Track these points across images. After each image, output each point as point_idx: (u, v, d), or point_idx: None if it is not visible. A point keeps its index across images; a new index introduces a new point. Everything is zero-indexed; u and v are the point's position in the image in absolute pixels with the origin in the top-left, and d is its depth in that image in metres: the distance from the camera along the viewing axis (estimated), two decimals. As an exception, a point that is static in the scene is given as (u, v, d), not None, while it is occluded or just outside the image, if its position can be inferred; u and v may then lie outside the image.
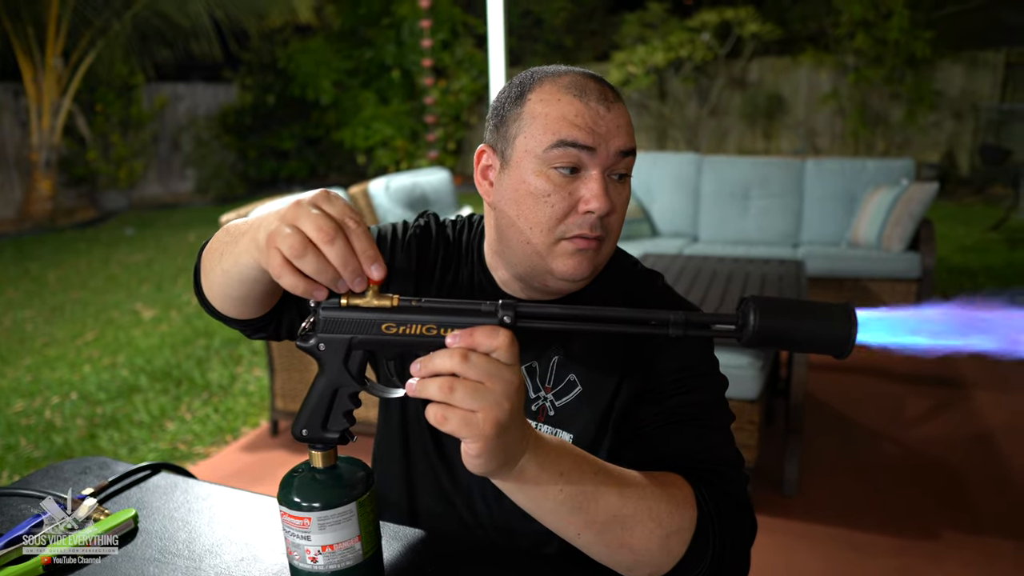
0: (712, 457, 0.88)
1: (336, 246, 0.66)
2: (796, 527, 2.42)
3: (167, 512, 1.04)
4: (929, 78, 9.93)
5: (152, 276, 6.21)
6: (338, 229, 0.66)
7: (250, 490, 1.10)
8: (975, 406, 3.31)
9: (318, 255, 0.66)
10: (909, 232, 4.09)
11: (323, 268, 0.67)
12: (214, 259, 0.87)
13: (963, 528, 2.41)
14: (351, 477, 0.80)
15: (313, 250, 0.66)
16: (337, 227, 0.67)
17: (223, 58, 9.89)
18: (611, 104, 0.88)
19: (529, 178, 0.87)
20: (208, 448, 3.13)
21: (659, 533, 0.77)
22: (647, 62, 10.19)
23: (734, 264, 3.44)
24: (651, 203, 4.90)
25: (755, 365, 2.40)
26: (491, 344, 0.66)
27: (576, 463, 0.75)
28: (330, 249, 0.66)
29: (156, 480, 1.14)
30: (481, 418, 0.65)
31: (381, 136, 9.95)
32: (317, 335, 0.71)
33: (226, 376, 3.88)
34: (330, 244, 0.66)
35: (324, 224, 0.66)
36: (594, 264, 0.90)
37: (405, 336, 0.69)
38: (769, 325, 0.64)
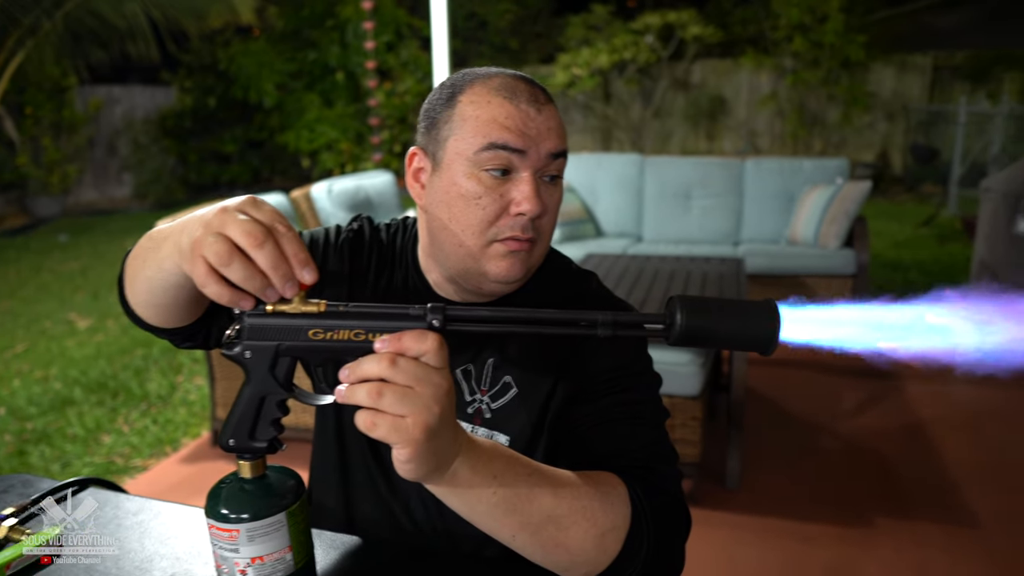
0: (646, 455, 0.89)
1: (266, 250, 0.65)
2: (739, 520, 2.47)
3: (96, 528, 1.01)
4: (863, 80, 10.26)
5: (87, 284, 6.01)
6: (267, 234, 0.66)
7: (189, 503, 1.08)
8: (906, 397, 3.43)
9: (246, 262, 0.65)
10: (844, 229, 4.21)
11: (250, 276, 0.65)
12: (137, 266, 0.84)
13: (895, 515, 2.50)
14: (281, 486, 0.79)
15: (240, 257, 0.65)
16: (266, 232, 0.66)
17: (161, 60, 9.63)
18: (542, 106, 0.88)
19: (460, 180, 0.87)
20: (147, 461, 3.04)
21: (594, 532, 0.77)
22: (592, 64, 10.29)
23: (676, 263, 3.50)
24: (595, 203, 4.94)
25: (696, 362, 2.44)
26: (420, 348, 0.65)
27: (509, 465, 0.75)
28: (259, 254, 0.65)
29: (83, 496, 1.10)
30: (410, 423, 0.64)
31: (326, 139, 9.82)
32: (242, 343, 0.70)
33: (165, 386, 3.78)
34: (259, 249, 0.65)
35: (253, 229, 0.65)
36: (527, 266, 0.91)
37: (333, 342, 0.69)
38: (695, 324, 0.64)
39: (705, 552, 2.30)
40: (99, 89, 10.35)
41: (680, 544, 0.86)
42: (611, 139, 11.36)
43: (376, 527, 1.05)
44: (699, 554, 2.36)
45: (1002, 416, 3.25)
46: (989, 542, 2.36)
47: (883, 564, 2.25)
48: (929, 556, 2.28)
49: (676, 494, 0.88)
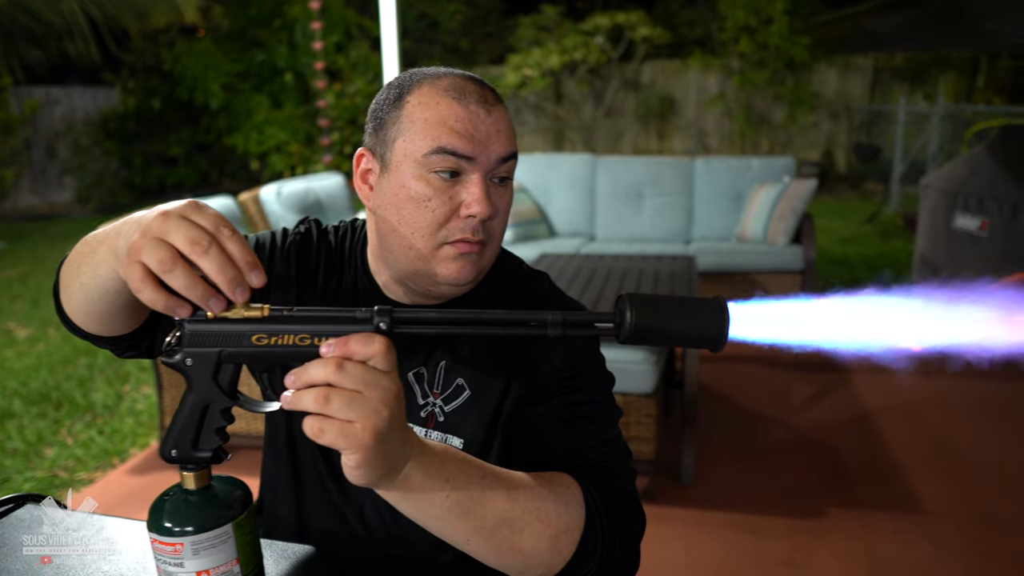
0: (600, 454, 0.88)
1: (211, 256, 0.63)
2: (694, 515, 2.50)
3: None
4: (807, 81, 10.52)
5: (27, 292, 5.80)
6: (212, 239, 0.64)
7: (139, 516, 1.04)
8: (853, 389, 3.52)
9: (188, 270, 0.63)
10: (792, 226, 4.30)
11: (192, 284, 0.64)
12: (72, 273, 0.81)
13: (845, 504, 2.56)
14: (227, 497, 0.77)
15: (183, 264, 0.63)
16: (211, 238, 0.64)
17: (102, 60, 9.36)
18: (491, 107, 0.87)
19: (409, 182, 0.86)
20: (92, 473, 2.95)
21: (548, 534, 0.77)
22: (542, 65, 10.33)
23: (629, 262, 3.53)
24: (548, 204, 4.96)
25: (650, 359, 2.47)
26: (367, 352, 0.64)
27: (462, 468, 0.75)
28: (205, 260, 0.63)
29: (20, 514, 1.06)
30: (359, 428, 0.63)
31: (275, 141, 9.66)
32: (183, 350, 0.68)
33: (112, 396, 3.67)
34: (204, 255, 0.63)
35: (197, 235, 0.63)
36: (478, 268, 0.90)
37: (277, 347, 0.67)
38: (644, 322, 0.64)
39: (662, 548, 2.32)
40: (36, 90, 10.02)
41: (635, 543, 0.86)
42: (563, 139, 11.43)
43: (329, 535, 1.03)
44: (656, 550, 2.40)
45: (943, 404, 3.36)
46: (934, 527, 2.43)
47: (834, 552, 2.30)
48: (878, 542, 2.34)
49: (630, 493, 0.88)
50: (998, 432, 3.13)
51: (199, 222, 0.65)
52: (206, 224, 0.65)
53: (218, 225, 0.65)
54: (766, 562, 2.28)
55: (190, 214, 0.65)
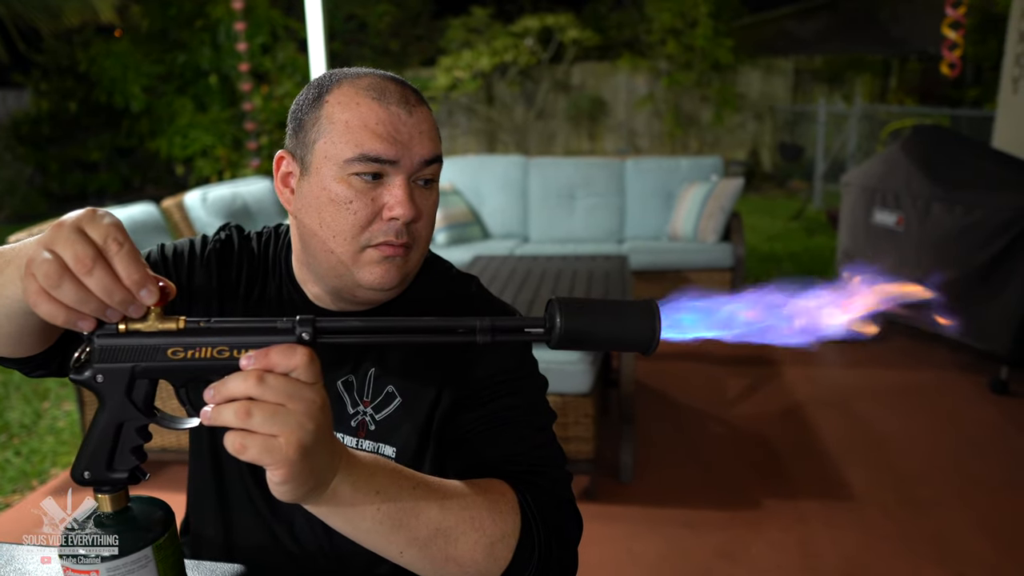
0: (534, 459, 0.87)
1: (95, 276, 0.59)
2: (635, 513, 2.52)
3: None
4: (732, 82, 10.80)
5: (-67, 307, 5.48)
6: (97, 256, 0.60)
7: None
8: (785, 381, 3.62)
9: (77, 285, 0.59)
10: (721, 224, 4.40)
11: (84, 298, 0.60)
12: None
13: (780, 495, 2.62)
14: (146, 518, 0.73)
15: (71, 279, 0.59)
16: (96, 254, 0.60)
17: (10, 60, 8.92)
18: (413, 108, 0.86)
19: (330, 185, 0.84)
20: (9, 497, 2.79)
21: (484, 542, 0.76)
22: (473, 66, 10.33)
23: (563, 262, 3.54)
24: (481, 205, 4.95)
25: (586, 359, 2.48)
26: (288, 363, 0.62)
27: (392, 479, 0.73)
28: (90, 280, 0.59)
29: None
30: (283, 442, 0.60)
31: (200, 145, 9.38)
32: (93, 366, 0.64)
33: (29, 414, 3.49)
34: (88, 275, 0.59)
35: (81, 251, 0.59)
36: (403, 272, 0.88)
37: (195, 360, 0.64)
38: (574, 326, 0.63)
39: (604, 547, 2.33)
40: (-61, 93, 9.49)
41: (572, 547, 0.85)
42: (496, 141, 11.44)
43: (259, 553, 1.00)
44: (598, 549, 2.41)
45: (867, 394, 3.48)
46: (862, 513, 2.51)
47: (770, 543, 2.35)
48: (811, 532, 2.41)
49: (566, 497, 0.87)
50: (921, 418, 3.26)
51: (90, 234, 0.60)
52: (96, 237, 0.60)
53: (107, 238, 0.61)
54: (704, 555, 2.31)
55: (84, 224, 0.61)
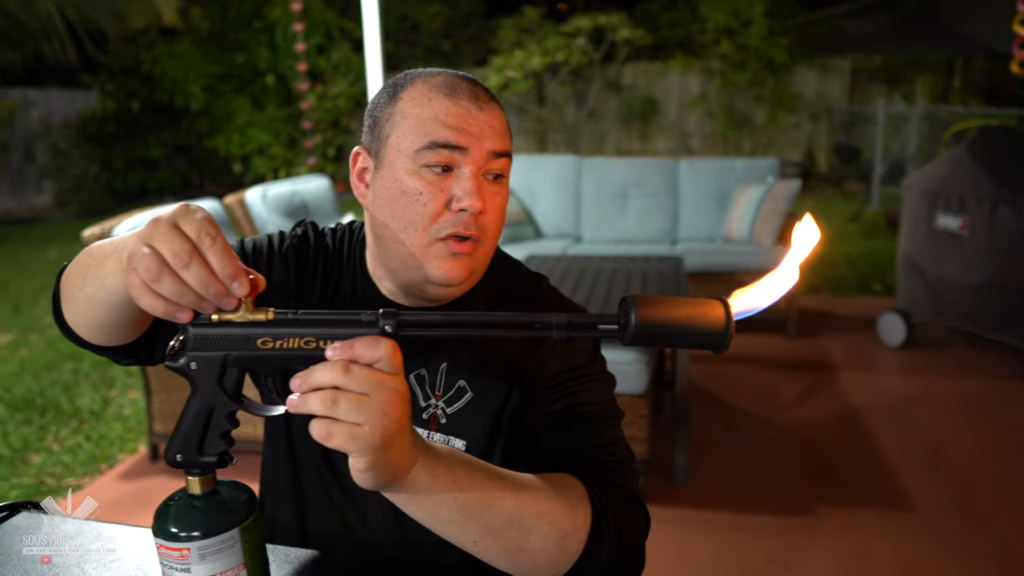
0: (604, 455, 0.88)
1: (192, 271, 0.62)
2: (688, 515, 2.51)
3: (30, 558, 0.95)
4: (787, 82, 10.61)
5: (7, 297, 5.72)
6: (192, 251, 0.62)
7: (129, 522, 1.03)
8: (840, 387, 3.55)
9: (175, 278, 0.63)
10: (777, 227, 4.33)
11: (182, 292, 0.63)
12: (76, 284, 0.81)
13: (835, 502, 2.58)
14: (232, 502, 0.76)
15: (169, 273, 0.62)
16: (192, 249, 0.63)
17: (79, 61, 9.25)
18: (483, 104, 0.88)
19: (402, 177, 0.86)
20: (80, 479, 2.91)
21: (555, 535, 0.76)
22: (525, 66, 10.35)
23: (616, 263, 3.54)
24: (534, 205, 4.96)
25: (641, 360, 2.47)
26: (373, 355, 0.64)
27: (469, 470, 0.74)
28: (186, 274, 0.62)
29: (15, 522, 1.04)
30: (367, 431, 0.63)
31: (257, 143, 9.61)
32: (187, 354, 0.67)
33: (98, 401, 3.62)
34: (185, 269, 0.62)
35: (178, 247, 0.62)
36: (471, 268, 0.89)
37: (283, 351, 0.67)
38: (649, 323, 0.64)
39: (656, 548, 2.31)
40: (12, 91, 9.88)
41: (641, 543, 0.86)
42: (546, 141, 11.44)
43: (332, 539, 1.02)
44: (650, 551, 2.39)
45: (925, 401, 3.40)
46: (921, 524, 2.45)
47: (825, 551, 2.31)
48: (869, 542, 2.36)
49: (635, 493, 0.87)
50: (981, 428, 3.17)
51: (185, 230, 0.64)
52: (190, 232, 0.63)
53: (200, 233, 0.63)
54: (758, 561, 2.29)
55: (179, 220, 0.64)
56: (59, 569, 0.92)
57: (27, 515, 1.06)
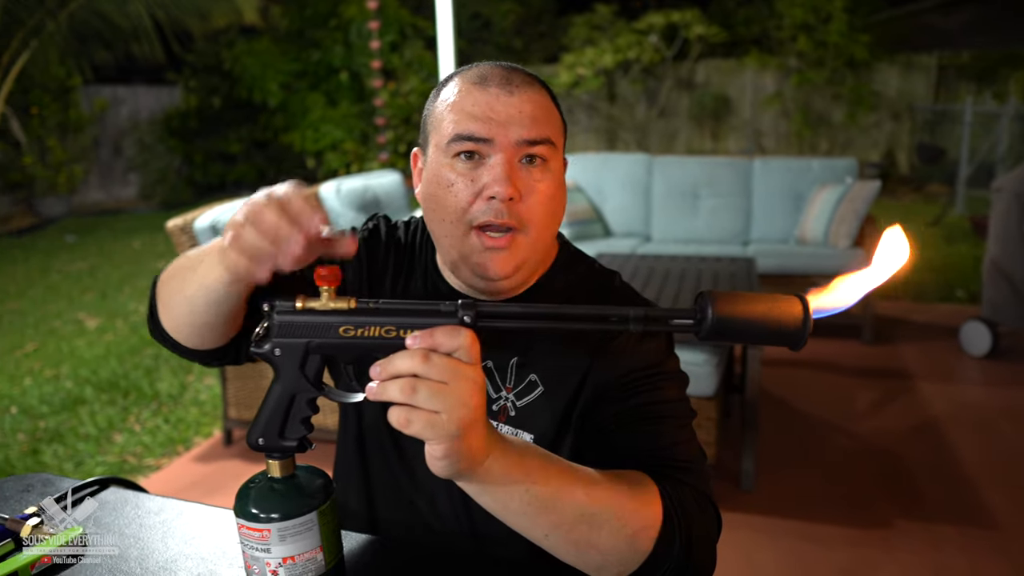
0: (675, 454, 0.87)
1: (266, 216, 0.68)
2: (755, 522, 2.46)
3: (117, 529, 1.00)
4: (868, 80, 10.24)
5: (96, 284, 6.02)
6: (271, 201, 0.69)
7: (205, 502, 1.07)
8: (918, 397, 3.41)
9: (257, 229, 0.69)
10: (854, 229, 4.20)
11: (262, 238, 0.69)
12: (174, 288, 0.86)
13: (911, 515, 2.48)
14: (310, 486, 0.78)
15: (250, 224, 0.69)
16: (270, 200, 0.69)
17: (165, 60, 9.63)
18: (515, 88, 0.87)
19: (438, 171, 0.89)
20: (159, 460, 3.03)
21: (626, 532, 0.76)
22: (596, 64, 10.28)
23: (687, 263, 3.48)
24: (603, 203, 4.93)
25: (711, 362, 2.43)
26: (452, 344, 0.65)
27: (542, 463, 0.74)
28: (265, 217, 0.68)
29: (105, 496, 1.09)
30: (445, 419, 0.64)
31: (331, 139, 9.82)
32: (272, 340, 0.70)
33: (176, 385, 3.77)
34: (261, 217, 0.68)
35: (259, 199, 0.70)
36: (515, 261, 0.89)
37: (363, 339, 0.68)
38: (726, 318, 0.64)
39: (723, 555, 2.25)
40: (104, 89, 10.36)
41: (712, 545, 0.85)
42: (616, 139, 11.35)
43: (400, 528, 1.04)
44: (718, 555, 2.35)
45: (1013, 415, 3.23)
46: (1006, 543, 2.34)
47: (901, 566, 2.23)
48: (947, 558, 2.26)
49: (706, 493, 0.87)
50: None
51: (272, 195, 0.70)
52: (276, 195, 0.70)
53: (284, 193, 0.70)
54: (829, 572, 2.23)
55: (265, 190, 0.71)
56: (144, 543, 0.96)
57: (115, 490, 1.11)
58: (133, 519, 1.02)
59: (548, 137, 0.88)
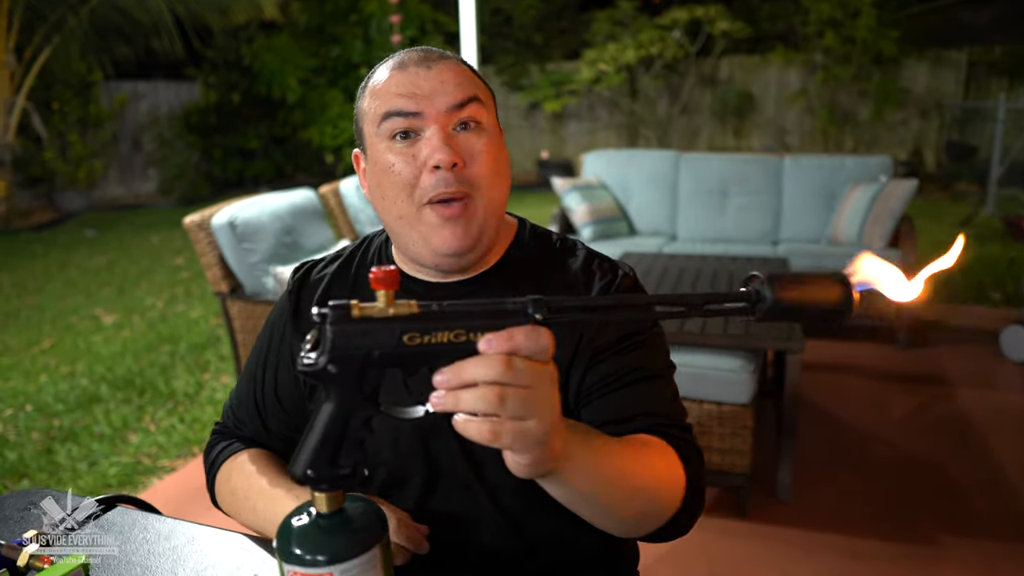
0: (670, 411, 0.91)
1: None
2: (792, 535, 2.34)
3: (123, 556, 0.91)
4: (896, 76, 10.03)
5: (113, 279, 5.98)
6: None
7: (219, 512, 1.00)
8: (960, 404, 3.27)
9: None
10: (889, 230, 4.06)
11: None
12: (247, 520, 0.97)
13: (960, 532, 2.35)
14: (363, 517, 0.68)
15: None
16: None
17: (185, 55, 9.62)
18: (433, 63, 0.88)
19: (379, 158, 0.89)
20: (174, 461, 2.97)
21: (668, 497, 0.80)
22: (618, 60, 10.13)
23: (718, 262, 3.37)
24: (628, 201, 4.82)
25: (747, 368, 2.32)
26: (534, 346, 0.58)
27: (603, 442, 0.74)
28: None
29: (111, 517, 1.00)
30: (533, 425, 0.58)
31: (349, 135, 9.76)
32: (326, 354, 0.60)
33: (192, 384, 3.71)
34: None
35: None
36: (474, 230, 0.89)
37: (431, 346, 0.60)
38: (785, 296, 0.63)
39: (759, 568, 2.18)
40: (124, 84, 10.37)
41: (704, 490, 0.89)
42: (637, 136, 11.20)
43: None
44: (752, 568, 2.25)
45: (1062, 426, 3.09)
46: (1061, 562, 2.21)
47: (950, 585, 2.11)
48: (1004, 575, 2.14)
49: (698, 447, 0.91)
50: None
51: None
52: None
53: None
54: (873, 590, 2.11)
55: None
56: (152, 572, 0.87)
57: (123, 510, 1.02)
58: (141, 545, 0.93)
59: (474, 95, 0.88)
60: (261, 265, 3.02)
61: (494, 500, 0.94)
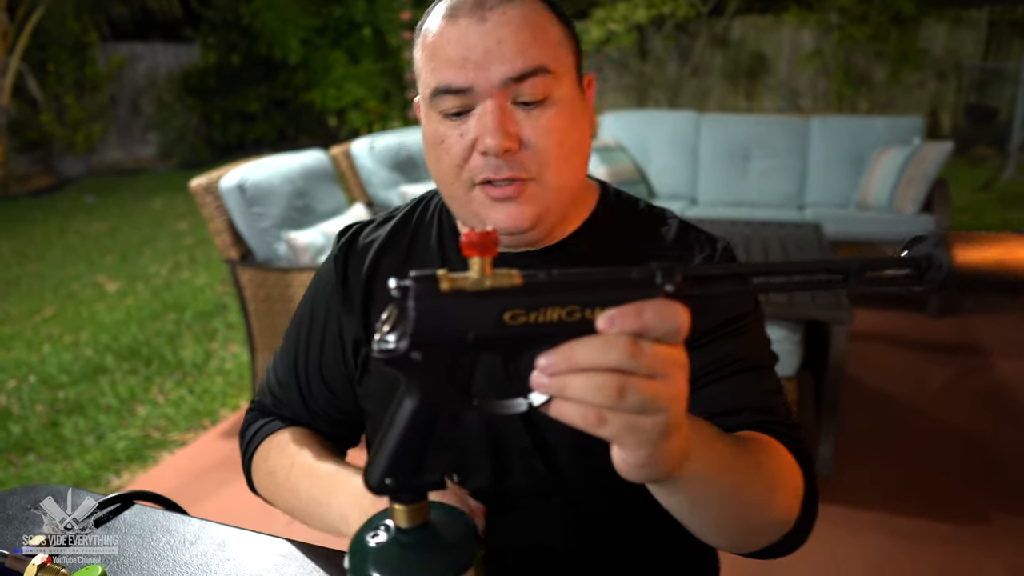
0: (773, 404, 0.79)
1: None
2: (837, 513, 2.23)
3: (143, 564, 0.78)
4: (914, 36, 9.77)
5: (116, 246, 5.84)
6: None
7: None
8: (998, 375, 3.15)
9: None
10: (923, 193, 3.90)
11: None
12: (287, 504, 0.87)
13: (1015, 511, 2.24)
14: (454, 529, 0.56)
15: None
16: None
17: (183, 15, 9.35)
18: (488, 12, 0.72)
19: (427, 126, 0.78)
20: (184, 434, 2.85)
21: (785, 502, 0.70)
22: (629, 19, 9.86)
23: (747, 228, 3.22)
24: (647, 163, 4.65)
25: (792, 339, 2.20)
26: (667, 326, 0.46)
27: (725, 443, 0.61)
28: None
29: (128, 516, 0.88)
30: (651, 422, 0.46)
31: (352, 97, 9.54)
32: (408, 337, 0.46)
33: (200, 353, 3.59)
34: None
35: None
36: (532, 211, 0.76)
37: (539, 325, 0.46)
38: (967, 261, 0.51)
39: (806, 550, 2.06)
40: (121, 46, 10.11)
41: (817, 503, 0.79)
42: (646, 98, 10.96)
43: None
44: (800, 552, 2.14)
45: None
46: (1120, 542, 2.10)
47: (1009, 568, 2.00)
48: (1059, 559, 2.03)
49: (808, 452, 0.79)
50: None
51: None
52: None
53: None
54: (925, 572, 2.00)
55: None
56: (180, 587, 0.75)
57: (140, 508, 0.90)
58: (165, 551, 0.81)
59: (540, 65, 0.73)
60: (273, 230, 2.87)
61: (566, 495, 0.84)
